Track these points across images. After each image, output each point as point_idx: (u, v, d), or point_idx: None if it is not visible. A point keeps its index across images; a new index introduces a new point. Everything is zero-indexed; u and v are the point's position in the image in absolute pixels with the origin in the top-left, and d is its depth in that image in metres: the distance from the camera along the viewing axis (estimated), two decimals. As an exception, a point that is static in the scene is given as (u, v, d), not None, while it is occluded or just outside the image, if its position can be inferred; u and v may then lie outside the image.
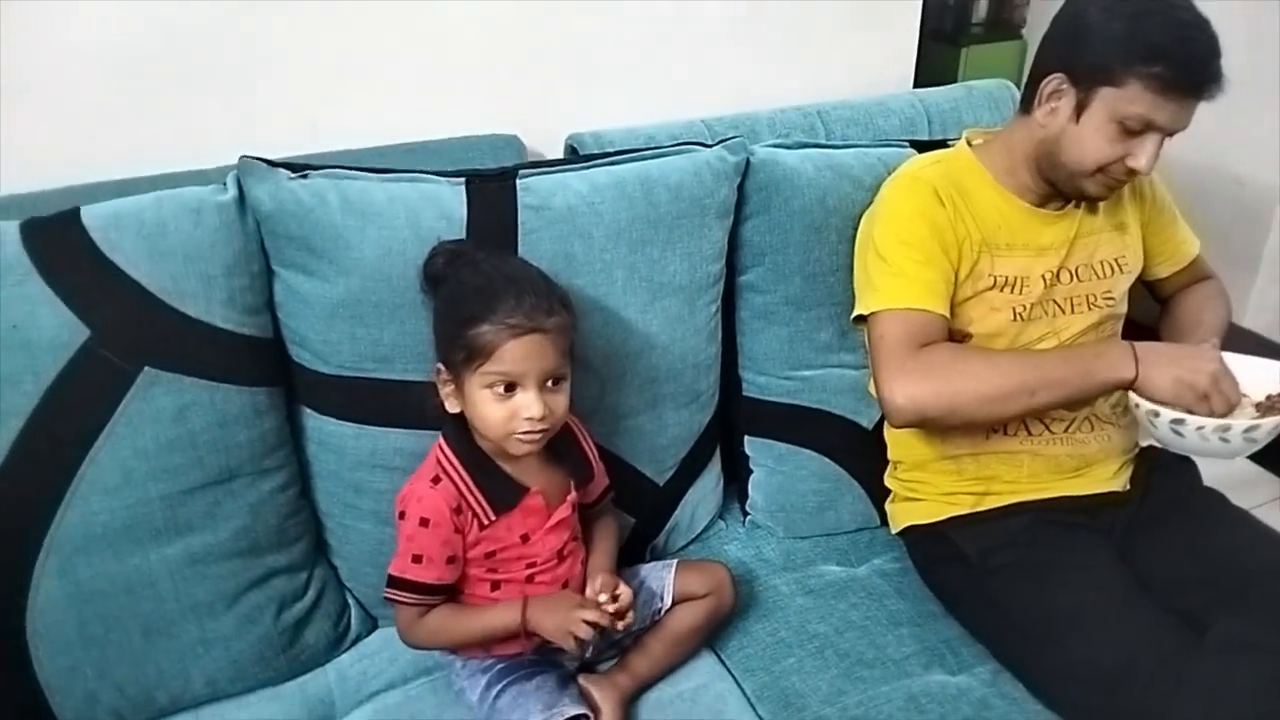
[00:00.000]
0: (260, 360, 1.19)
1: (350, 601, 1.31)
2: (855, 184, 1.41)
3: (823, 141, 1.51)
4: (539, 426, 1.06)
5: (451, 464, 1.11)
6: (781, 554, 1.46)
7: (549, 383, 1.07)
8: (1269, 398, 1.22)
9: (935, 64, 2.15)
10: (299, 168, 1.19)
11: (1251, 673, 1.06)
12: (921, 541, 1.38)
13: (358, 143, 1.34)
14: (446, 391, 1.11)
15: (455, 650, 1.18)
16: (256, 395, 1.18)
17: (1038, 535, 1.27)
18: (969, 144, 1.37)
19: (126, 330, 1.09)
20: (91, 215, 1.09)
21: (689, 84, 1.59)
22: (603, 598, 1.11)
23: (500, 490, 1.12)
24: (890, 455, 1.44)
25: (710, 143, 1.39)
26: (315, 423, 1.24)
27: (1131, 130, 1.19)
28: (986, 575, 1.27)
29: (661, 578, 1.25)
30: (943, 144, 1.49)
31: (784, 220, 1.39)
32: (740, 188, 1.39)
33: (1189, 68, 1.15)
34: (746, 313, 1.46)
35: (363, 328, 1.18)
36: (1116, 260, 1.36)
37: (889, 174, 1.39)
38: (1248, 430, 1.14)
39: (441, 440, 1.14)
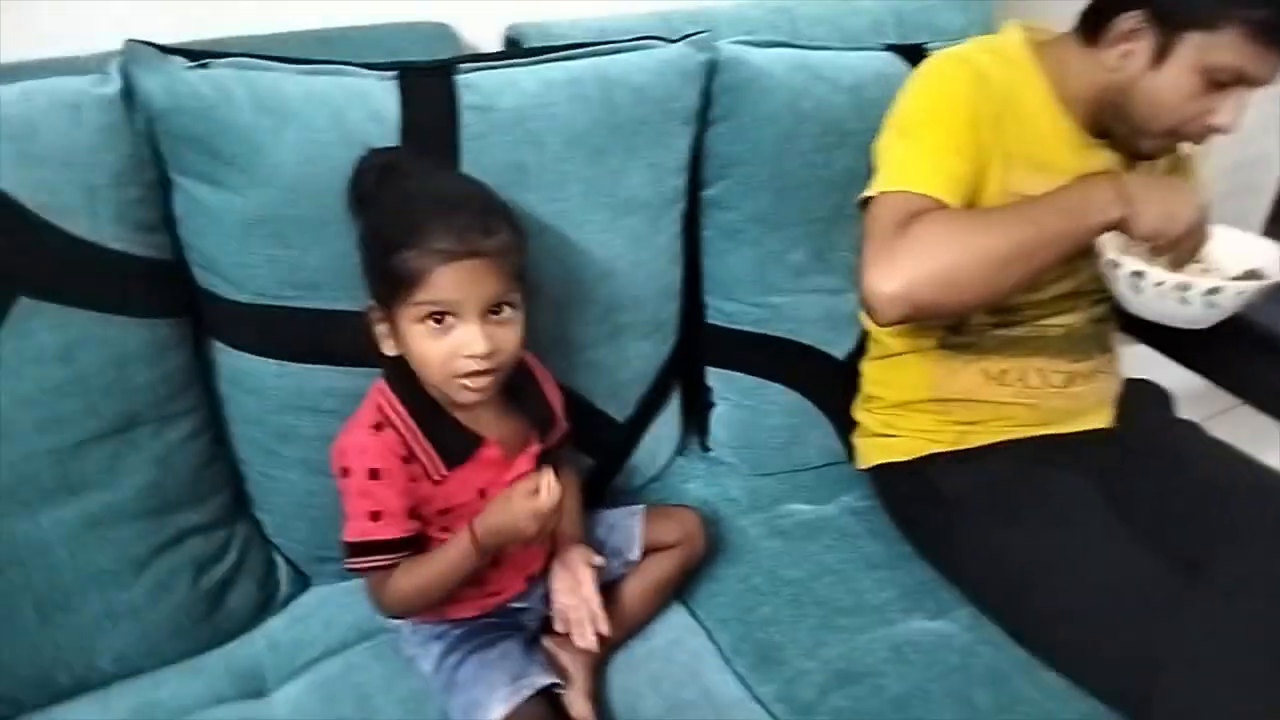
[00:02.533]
0: (160, 287, 1.01)
1: (278, 559, 1.17)
2: (832, 87, 1.27)
3: (793, 41, 1.37)
4: (484, 365, 0.91)
5: (395, 411, 0.97)
6: (747, 492, 1.37)
7: (492, 312, 0.92)
8: (1247, 273, 1.14)
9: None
10: (197, 55, 0.99)
11: (1250, 609, 1.00)
12: (894, 480, 1.30)
13: (260, 28, 1.14)
14: (381, 331, 0.96)
15: (429, 610, 1.03)
16: (157, 328, 1.01)
17: (1020, 476, 1.20)
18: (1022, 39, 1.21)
19: (-4, 253, 0.91)
20: (-57, 112, 0.89)
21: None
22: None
23: (452, 442, 0.98)
24: (867, 390, 1.35)
25: (672, 39, 1.24)
26: (229, 359, 1.07)
27: (1219, 83, 1.05)
28: (964, 517, 1.19)
29: (629, 527, 1.14)
30: (916, 49, 1.36)
31: (752, 127, 1.26)
32: (704, 91, 1.24)
33: None
34: (711, 232, 1.33)
35: (282, 248, 1.02)
36: None
37: (870, 76, 1.27)
38: (1209, 292, 1.05)
39: (382, 383, 0.99)
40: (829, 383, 1.37)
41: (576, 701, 1.02)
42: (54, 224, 0.92)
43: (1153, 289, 1.06)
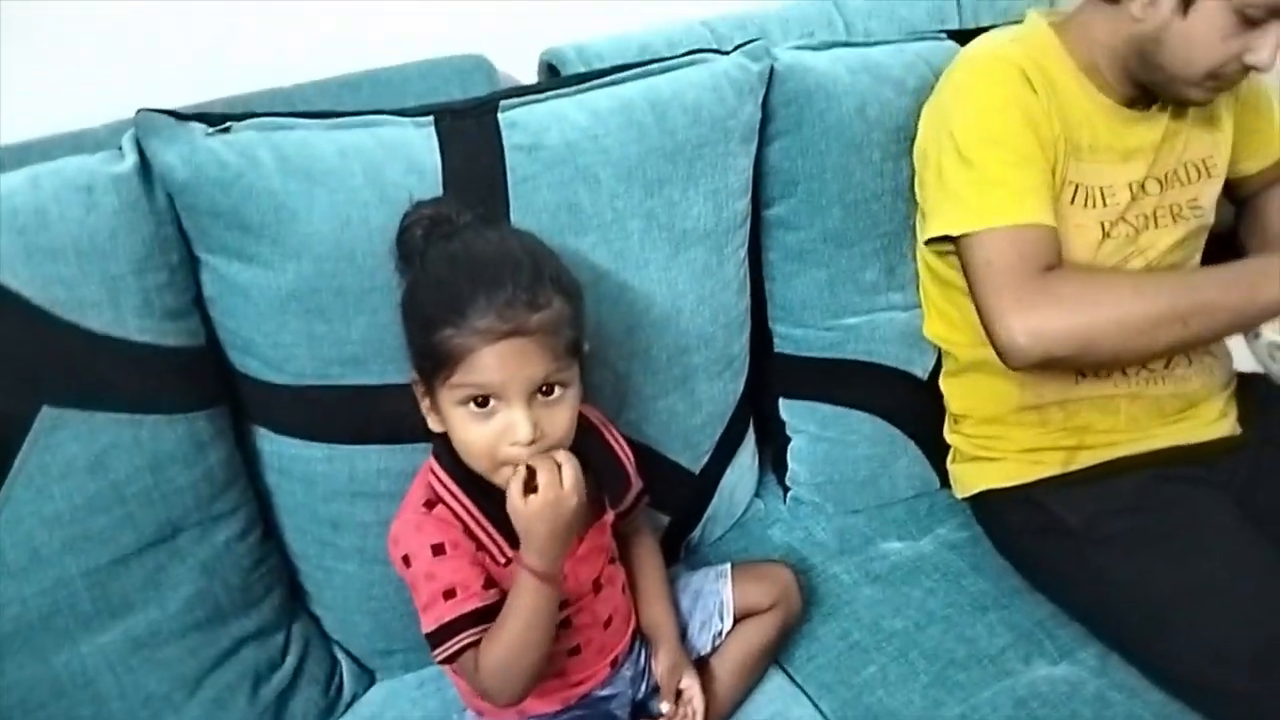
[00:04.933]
0: (193, 377, 0.93)
1: (340, 657, 1.08)
2: (897, 88, 1.17)
3: (848, 39, 1.26)
4: (530, 452, 0.82)
5: (448, 489, 0.87)
6: (834, 533, 1.26)
7: (542, 392, 0.83)
8: None
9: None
10: (217, 119, 0.90)
11: None
12: (1002, 509, 1.19)
13: (282, 79, 1.05)
14: (425, 406, 0.87)
15: (538, 678, 0.89)
16: (193, 423, 0.92)
17: (1151, 497, 1.09)
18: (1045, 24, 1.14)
19: (12, 361, 0.83)
20: (-59, 209, 0.80)
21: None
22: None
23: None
24: (953, 409, 1.24)
25: (724, 50, 1.13)
26: (273, 446, 0.99)
27: (1252, 20, 0.98)
28: (1093, 548, 1.09)
29: (717, 593, 1.05)
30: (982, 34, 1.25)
31: (818, 139, 1.15)
32: (763, 103, 1.13)
33: None
34: (776, 254, 1.23)
35: (323, 323, 0.93)
36: (1204, 162, 1.16)
37: (933, 73, 1.16)
38: None
39: (432, 461, 0.90)
40: (913, 405, 1.27)
41: (682, 799, 0.93)
42: (72, 321, 0.83)
43: None
